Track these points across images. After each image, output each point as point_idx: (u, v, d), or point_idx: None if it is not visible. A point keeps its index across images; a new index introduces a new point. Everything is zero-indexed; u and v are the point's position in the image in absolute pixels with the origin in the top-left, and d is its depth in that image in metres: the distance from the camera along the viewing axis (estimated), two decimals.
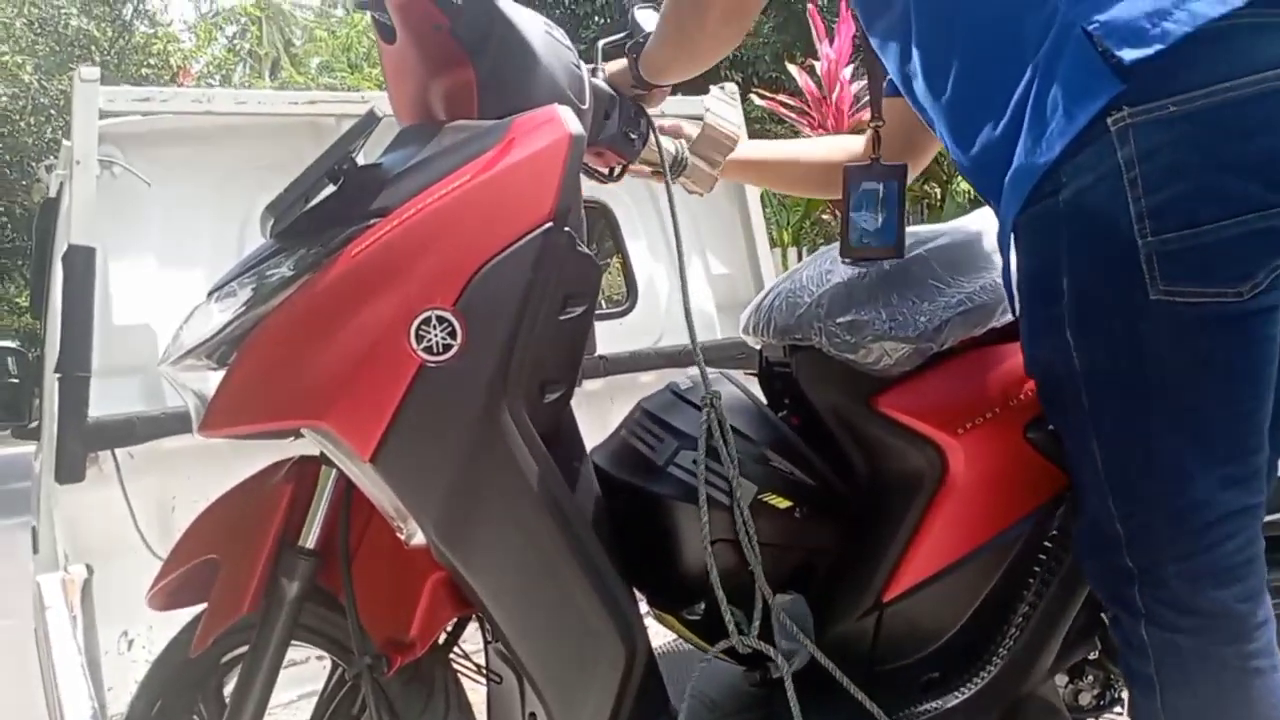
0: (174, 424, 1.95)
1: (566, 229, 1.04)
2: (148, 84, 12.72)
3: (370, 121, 1.03)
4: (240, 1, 23.14)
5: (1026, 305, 1.04)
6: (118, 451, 1.98)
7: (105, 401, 1.95)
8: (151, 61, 13.01)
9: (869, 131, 1.35)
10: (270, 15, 22.55)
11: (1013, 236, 1.01)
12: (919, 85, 1.12)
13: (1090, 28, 0.90)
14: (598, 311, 1.26)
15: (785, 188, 1.66)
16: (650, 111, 1.35)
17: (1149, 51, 0.87)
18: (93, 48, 12.66)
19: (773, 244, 4.75)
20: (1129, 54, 0.88)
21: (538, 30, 1.17)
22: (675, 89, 1.36)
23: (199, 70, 14.30)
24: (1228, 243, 0.89)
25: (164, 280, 2.08)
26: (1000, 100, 0.99)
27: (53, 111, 12.45)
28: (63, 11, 12.32)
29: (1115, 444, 1.00)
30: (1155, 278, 0.91)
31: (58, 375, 1.90)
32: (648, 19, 1.32)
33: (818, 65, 6.31)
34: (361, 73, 19.32)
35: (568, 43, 1.22)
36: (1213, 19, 0.86)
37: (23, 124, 12.27)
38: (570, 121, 1.06)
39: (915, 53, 1.10)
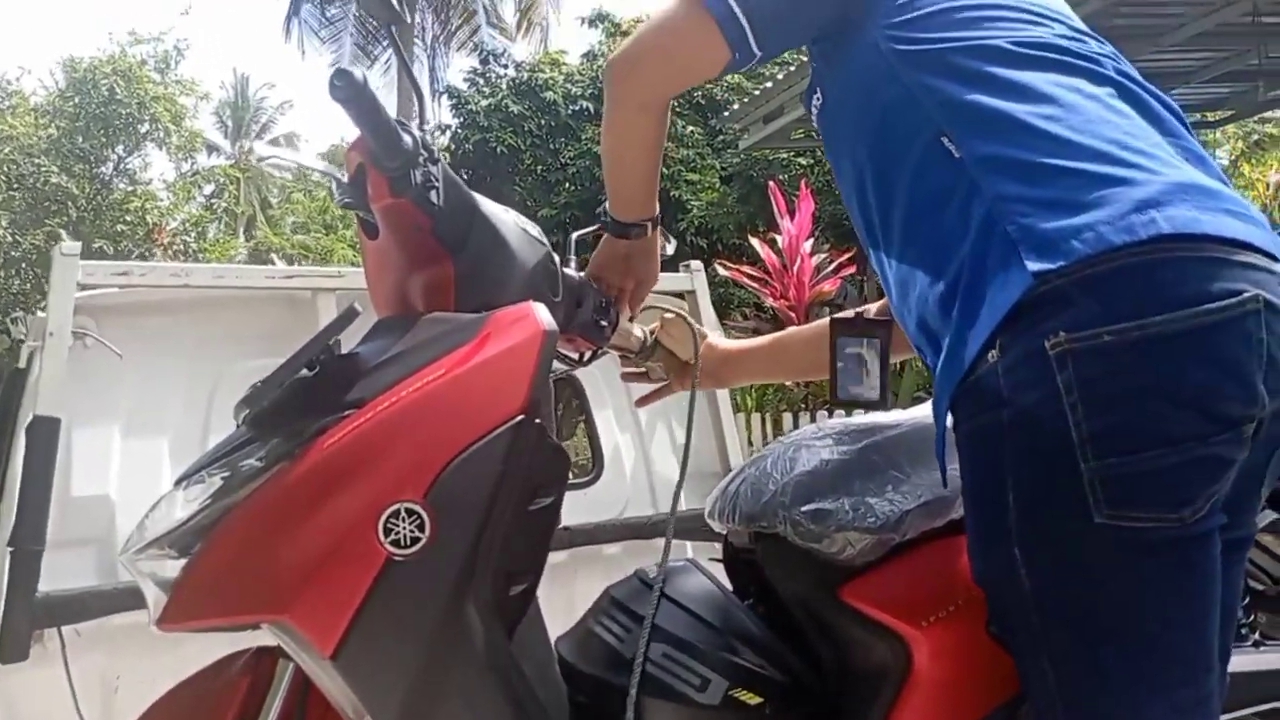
0: (126, 600, 1.89)
1: (538, 421, 1.07)
2: (122, 239, 12.90)
3: (349, 316, 1.06)
4: (219, 162, 23.80)
5: (972, 517, 1.07)
6: (64, 628, 1.92)
7: (57, 575, 1.90)
8: (127, 218, 13.20)
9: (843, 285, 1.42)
10: (249, 176, 23.17)
11: (956, 441, 1.05)
12: (869, 255, 1.18)
13: (1010, 229, 0.97)
14: None
15: (784, 375, 1.72)
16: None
17: (1051, 265, 0.93)
18: (69, 203, 12.85)
19: (737, 409, 4.81)
20: (1033, 264, 0.94)
21: (513, 227, 1.23)
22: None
23: (174, 227, 14.51)
24: (1167, 470, 0.92)
25: (127, 450, 2.07)
26: (934, 284, 1.05)
27: (23, 265, 12.52)
28: (43, 169, 12.56)
29: (1067, 664, 1.00)
30: (1099, 501, 0.93)
31: (10, 549, 1.85)
32: None
33: (779, 238, 6.55)
34: (336, 233, 19.74)
35: (542, 238, 1.28)
36: (1115, 246, 0.92)
37: None
38: (544, 318, 1.10)
39: (868, 224, 1.16)
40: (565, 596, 2.14)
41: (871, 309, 1.43)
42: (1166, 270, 0.93)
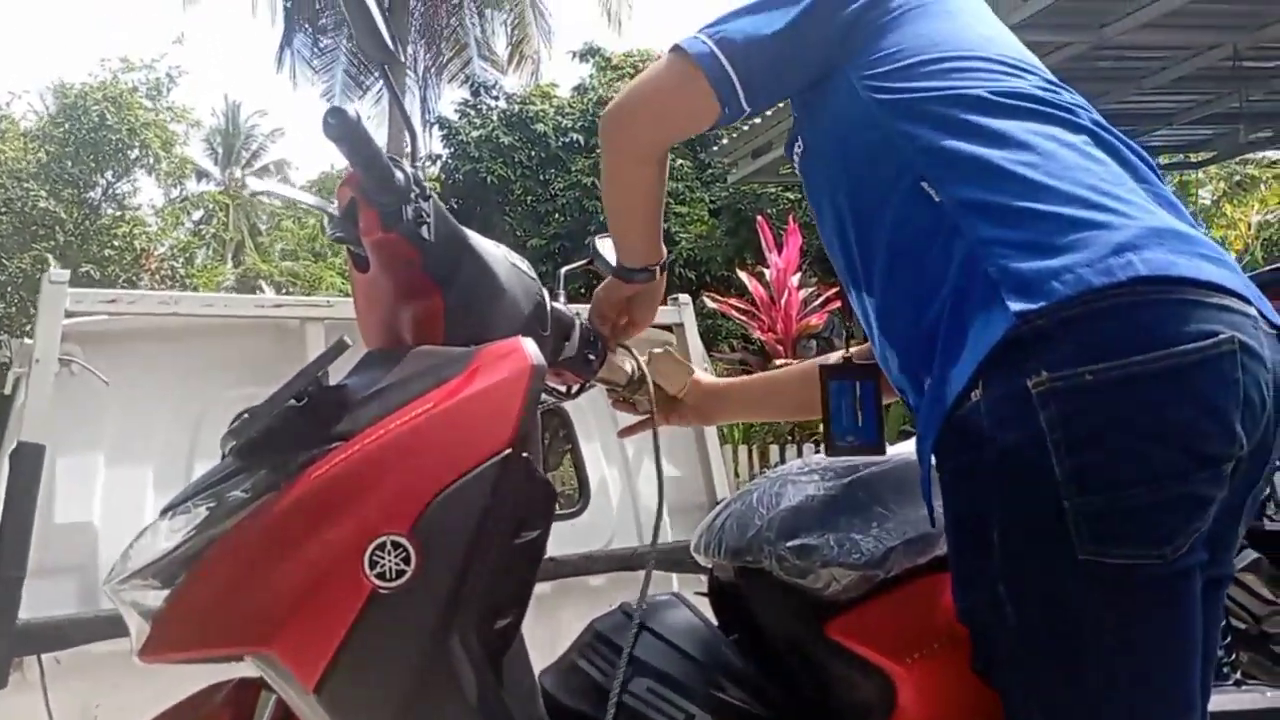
0: (107, 628, 1.88)
1: (525, 455, 1.07)
2: (109, 264, 12.87)
3: (339, 349, 1.06)
4: (209, 188, 23.82)
5: (956, 554, 1.07)
6: (44, 656, 1.90)
7: (38, 602, 1.89)
8: (115, 243, 13.17)
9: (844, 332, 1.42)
10: (238, 203, 23.18)
11: (937, 477, 1.06)
12: (850, 298, 1.20)
13: (991, 270, 0.99)
14: None
15: (770, 414, 1.73)
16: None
17: (1033, 306, 0.95)
18: (56, 228, 12.83)
19: (723, 441, 4.82)
20: (1015, 304, 0.96)
21: (503, 262, 1.24)
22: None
23: (162, 252, 14.48)
24: (1149, 508, 0.94)
25: (111, 478, 2.06)
26: (916, 325, 1.06)
27: (9, 289, 12.48)
28: (31, 194, 12.54)
29: (1052, 701, 1.00)
30: (1083, 538, 0.94)
31: None
32: (606, 247, 1.41)
33: (767, 271, 6.60)
34: (325, 261, 19.74)
35: (531, 273, 1.30)
36: (1094, 288, 0.94)
37: None
38: (532, 353, 1.10)
39: (850, 267, 1.18)
40: (550, 628, 2.13)
41: (853, 352, 1.44)
42: (1145, 312, 0.95)
